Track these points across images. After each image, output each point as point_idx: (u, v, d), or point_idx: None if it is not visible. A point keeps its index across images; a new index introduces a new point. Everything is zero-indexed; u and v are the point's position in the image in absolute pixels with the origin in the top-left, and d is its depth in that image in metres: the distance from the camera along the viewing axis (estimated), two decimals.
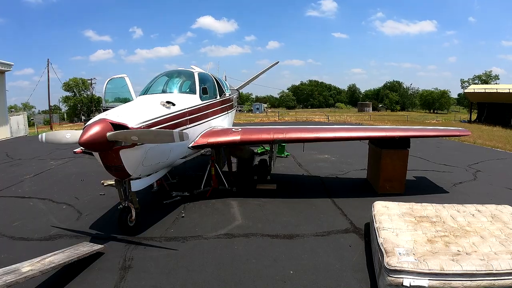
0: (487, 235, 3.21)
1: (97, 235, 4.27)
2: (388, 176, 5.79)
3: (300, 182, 7.00)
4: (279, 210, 5.15)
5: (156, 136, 3.75)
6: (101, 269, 3.47)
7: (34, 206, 5.58)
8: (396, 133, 5.69)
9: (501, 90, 26.53)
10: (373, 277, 3.20)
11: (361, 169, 7.57)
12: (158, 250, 3.86)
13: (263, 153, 9.34)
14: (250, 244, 4.00)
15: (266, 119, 30.97)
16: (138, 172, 4.13)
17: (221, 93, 7.19)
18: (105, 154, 3.74)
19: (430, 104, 70.93)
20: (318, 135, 5.76)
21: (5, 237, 4.29)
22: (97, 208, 5.26)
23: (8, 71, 18.56)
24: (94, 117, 3.91)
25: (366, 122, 25.35)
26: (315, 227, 4.46)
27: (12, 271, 2.91)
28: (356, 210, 5.01)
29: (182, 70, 6.76)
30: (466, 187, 6.44)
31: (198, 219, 4.80)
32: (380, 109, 66.34)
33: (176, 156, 4.98)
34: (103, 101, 6.13)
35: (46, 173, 8.03)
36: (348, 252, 3.77)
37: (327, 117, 30.44)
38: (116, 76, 6.01)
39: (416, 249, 2.95)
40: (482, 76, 60.74)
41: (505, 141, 13.56)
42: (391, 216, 3.72)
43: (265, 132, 5.86)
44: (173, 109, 4.76)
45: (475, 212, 3.86)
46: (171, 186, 6.24)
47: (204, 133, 5.71)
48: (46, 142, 4.37)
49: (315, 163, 8.66)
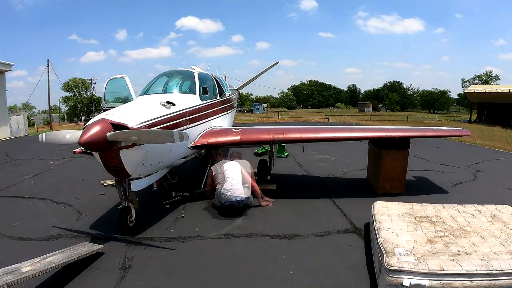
0: (487, 235, 3.21)
1: (97, 235, 4.27)
2: (388, 176, 5.78)
3: (300, 182, 7.00)
4: (279, 210, 5.15)
5: (156, 136, 3.76)
6: (101, 269, 3.47)
7: (34, 206, 5.58)
8: (396, 133, 5.69)
9: (501, 90, 26.57)
10: (373, 277, 3.20)
11: (361, 169, 7.56)
12: (158, 250, 3.86)
13: (263, 154, 9.34)
14: (250, 244, 4.00)
15: (266, 119, 30.98)
16: (138, 172, 4.13)
17: (221, 93, 7.20)
18: (105, 154, 3.74)
19: (430, 104, 71.02)
20: (318, 135, 5.76)
21: (5, 237, 4.29)
22: (97, 208, 5.26)
23: (8, 71, 18.58)
24: (94, 117, 3.91)
25: (366, 123, 25.35)
26: (315, 227, 4.46)
27: (12, 271, 2.91)
28: (356, 210, 5.00)
29: (182, 70, 6.77)
30: (466, 187, 6.44)
31: (198, 219, 4.80)
32: (380, 109, 66.41)
33: (176, 156, 4.98)
34: (103, 101, 6.13)
35: (46, 173, 8.03)
36: (348, 252, 3.77)
37: (327, 117, 30.46)
38: (116, 76, 6.01)
39: (416, 249, 2.95)
40: (483, 76, 60.83)
41: (505, 141, 13.57)
42: (391, 216, 3.72)
43: (265, 132, 5.86)
44: (173, 109, 4.76)
45: (475, 212, 3.86)
46: (171, 186, 6.23)
47: (204, 133, 5.71)
48: (46, 142, 4.37)
49: (315, 163, 8.66)
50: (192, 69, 7.08)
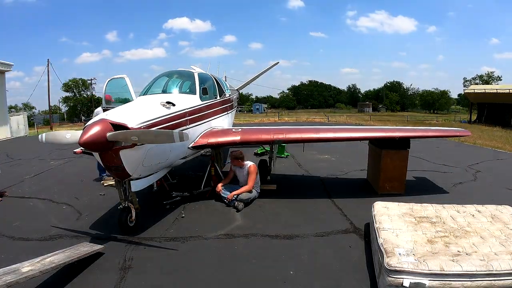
0: (487, 236, 3.21)
1: (97, 235, 4.27)
2: (388, 176, 5.79)
3: (300, 182, 7.00)
4: (279, 210, 5.15)
5: (156, 136, 3.75)
6: (101, 269, 3.47)
7: (34, 206, 5.58)
8: (396, 134, 5.69)
9: (501, 90, 26.57)
10: (373, 277, 3.20)
11: (361, 169, 7.56)
12: (158, 250, 3.86)
13: (263, 154, 9.34)
14: (250, 245, 4.00)
15: (266, 119, 31.00)
16: (138, 172, 4.13)
17: (221, 93, 7.19)
18: (105, 154, 3.74)
19: (430, 104, 71.03)
20: (318, 136, 5.76)
21: (5, 237, 4.29)
22: (97, 208, 5.26)
23: (8, 71, 18.59)
24: (94, 117, 3.91)
25: (366, 123, 25.35)
26: (315, 227, 4.46)
27: (12, 271, 2.91)
28: (356, 210, 5.00)
29: (182, 71, 6.76)
30: (466, 188, 6.44)
31: (198, 219, 4.80)
32: (380, 109, 66.41)
33: (176, 157, 4.98)
34: (103, 101, 6.13)
35: (46, 173, 8.03)
36: (348, 252, 3.77)
37: (327, 117, 30.46)
38: (116, 76, 6.00)
39: (416, 249, 2.95)
40: (484, 76, 60.84)
41: (505, 141, 13.57)
42: (391, 216, 3.72)
43: (265, 133, 5.86)
44: (173, 110, 4.76)
45: (475, 212, 3.86)
46: (171, 187, 6.23)
47: (204, 133, 5.71)
48: (46, 142, 4.37)
49: (315, 163, 8.66)
50: (192, 69, 7.07)
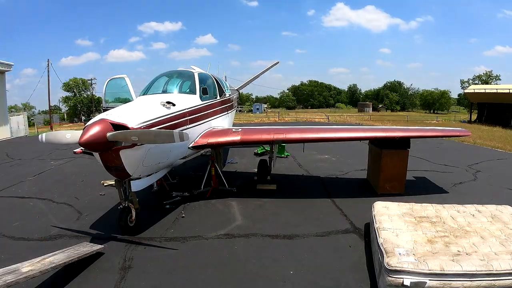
0: (487, 236, 3.22)
1: (97, 235, 4.27)
2: (388, 176, 5.79)
3: (300, 182, 7.00)
4: (279, 210, 5.15)
5: (156, 136, 3.75)
6: (101, 269, 3.47)
7: (34, 206, 5.58)
8: (396, 134, 5.69)
9: (501, 90, 26.55)
10: (373, 277, 3.20)
11: (361, 169, 7.56)
12: (158, 250, 3.87)
13: (263, 154, 9.34)
14: (250, 244, 4.00)
15: (266, 119, 30.97)
16: (138, 172, 4.13)
17: (221, 93, 7.19)
18: (105, 154, 3.74)
19: (430, 104, 71.00)
20: (318, 135, 5.76)
21: (5, 237, 4.29)
22: (97, 208, 5.26)
23: (8, 71, 18.57)
24: (94, 117, 3.90)
25: (366, 123, 25.34)
26: (315, 227, 4.46)
27: (12, 271, 2.91)
28: (356, 210, 5.00)
29: (182, 71, 6.76)
30: (466, 187, 6.44)
31: (198, 219, 4.80)
32: (380, 109, 66.30)
33: (176, 156, 4.98)
34: (103, 101, 6.13)
35: (46, 173, 8.03)
36: (348, 252, 3.77)
37: (327, 117, 30.45)
38: (116, 76, 6.01)
39: (416, 249, 2.95)
40: (483, 76, 60.79)
41: (505, 141, 13.56)
42: (391, 216, 3.72)
43: (265, 133, 5.86)
44: (173, 109, 4.76)
45: (475, 212, 3.86)
46: (171, 186, 6.24)
47: (204, 133, 5.71)
48: (46, 142, 4.37)
49: (315, 163, 8.66)
50: (193, 69, 7.07)
